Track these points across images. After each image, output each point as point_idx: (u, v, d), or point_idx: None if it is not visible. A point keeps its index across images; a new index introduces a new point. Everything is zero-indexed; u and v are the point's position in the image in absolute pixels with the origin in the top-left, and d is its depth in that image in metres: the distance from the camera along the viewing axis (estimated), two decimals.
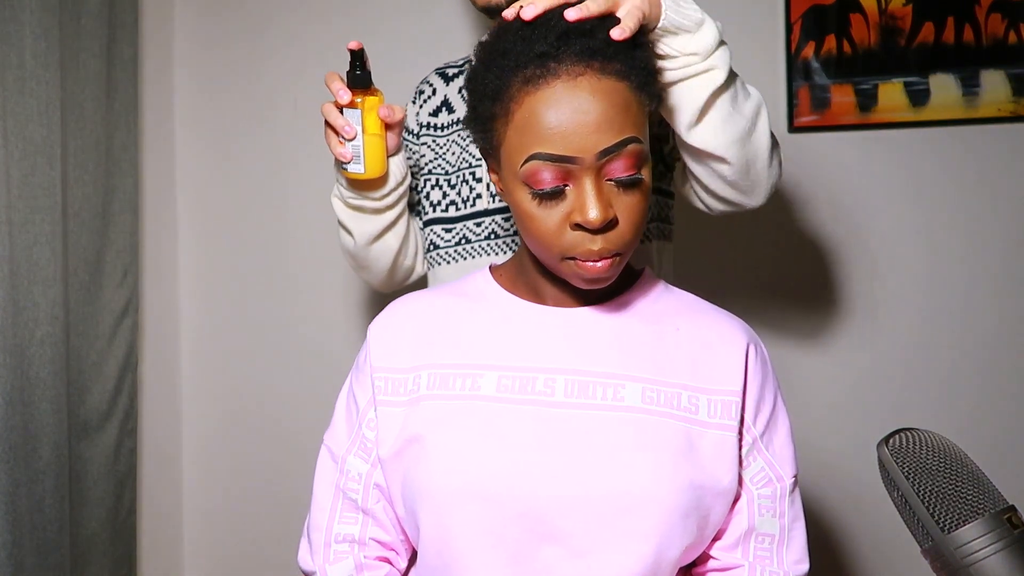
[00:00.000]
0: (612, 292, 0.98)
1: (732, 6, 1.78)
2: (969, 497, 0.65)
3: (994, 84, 1.71)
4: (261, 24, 2.03)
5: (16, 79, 1.58)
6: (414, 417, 0.93)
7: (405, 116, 1.18)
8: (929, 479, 0.66)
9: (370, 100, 1.12)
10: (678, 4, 0.97)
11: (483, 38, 0.92)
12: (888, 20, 1.75)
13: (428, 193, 1.30)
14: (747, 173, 1.09)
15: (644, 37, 0.93)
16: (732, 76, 1.04)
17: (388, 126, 1.14)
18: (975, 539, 0.63)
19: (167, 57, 2.07)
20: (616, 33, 0.86)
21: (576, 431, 0.89)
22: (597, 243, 0.86)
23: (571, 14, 0.86)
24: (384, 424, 0.95)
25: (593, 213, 0.84)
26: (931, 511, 0.65)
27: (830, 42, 1.77)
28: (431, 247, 1.30)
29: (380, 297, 1.93)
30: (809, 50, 1.77)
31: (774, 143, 1.12)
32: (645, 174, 0.87)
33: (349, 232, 1.26)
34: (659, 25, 0.95)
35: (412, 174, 1.28)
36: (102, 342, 1.84)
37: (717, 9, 1.74)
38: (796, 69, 1.78)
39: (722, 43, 1.02)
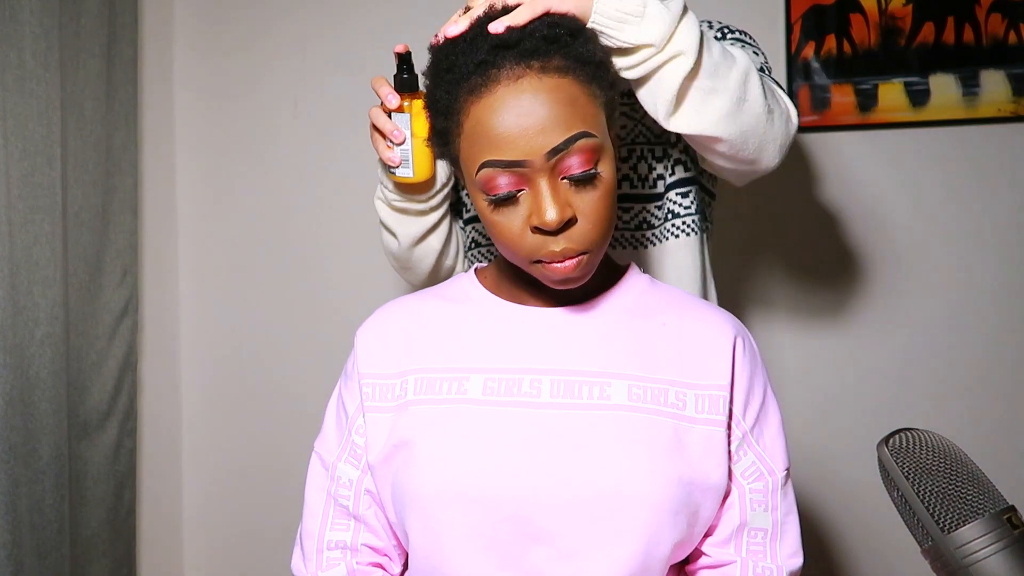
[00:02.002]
0: (596, 290, 0.97)
1: (732, 6, 1.78)
2: (969, 497, 0.65)
3: (994, 84, 1.71)
4: (261, 25, 2.04)
5: (16, 79, 1.58)
6: (402, 422, 0.93)
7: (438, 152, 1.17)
8: (929, 479, 0.66)
9: (418, 104, 1.09)
10: None
11: (428, 62, 0.92)
12: (888, 20, 1.75)
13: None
14: (745, 144, 1.03)
15: (583, 27, 0.91)
16: (704, 51, 0.97)
17: None
18: (975, 539, 0.63)
19: (167, 57, 2.07)
20: (496, 26, 0.86)
21: (563, 431, 0.89)
22: (559, 244, 0.86)
23: (495, 27, 0.86)
24: (372, 430, 0.95)
25: (549, 215, 0.83)
26: (931, 511, 0.65)
27: (830, 42, 1.77)
28: (472, 245, 1.28)
29: (380, 297, 1.93)
30: (809, 50, 1.77)
31: (772, 102, 1.05)
32: (602, 168, 0.86)
33: (393, 234, 1.25)
34: (591, 18, 0.93)
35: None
36: (102, 342, 1.84)
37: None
38: (796, 69, 1.78)
39: (683, 19, 0.96)
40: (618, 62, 0.98)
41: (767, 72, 1.18)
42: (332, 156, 2.00)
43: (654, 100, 1.00)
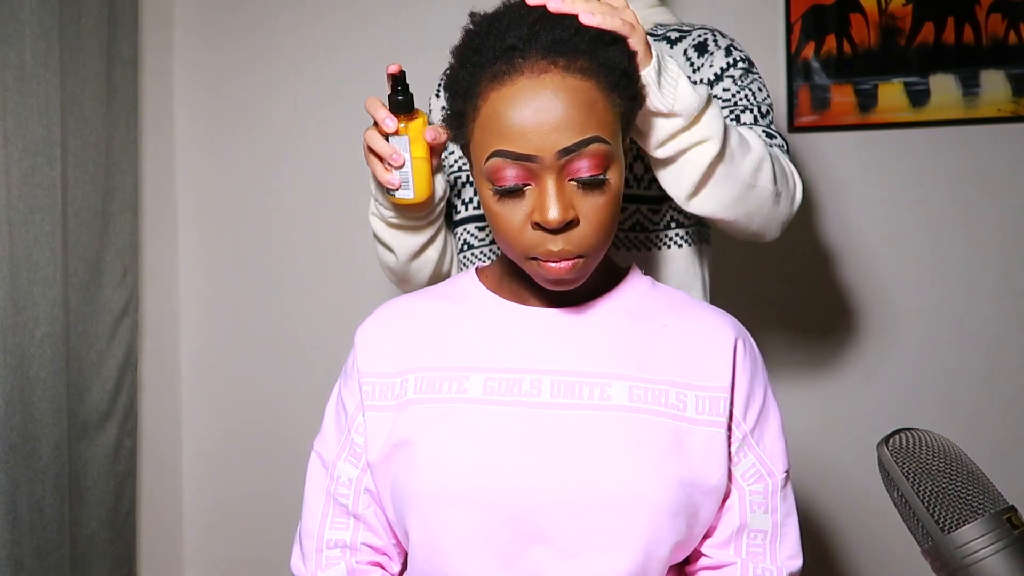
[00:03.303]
0: (598, 291, 0.97)
1: (732, 6, 1.78)
2: (969, 497, 0.65)
3: (994, 84, 1.71)
4: (261, 24, 2.04)
5: (16, 79, 1.58)
6: (402, 421, 0.93)
7: (449, 136, 1.16)
8: (929, 479, 0.66)
9: (415, 125, 1.08)
10: (664, 58, 0.98)
11: (458, 41, 0.92)
12: (888, 20, 1.75)
13: (460, 191, 1.28)
14: (749, 223, 1.09)
15: (615, 36, 0.91)
16: (727, 138, 1.02)
17: (432, 147, 1.10)
18: (975, 539, 0.63)
19: (167, 57, 2.08)
20: (586, 19, 0.86)
21: (563, 431, 0.89)
22: (557, 244, 0.86)
23: (586, 19, 0.87)
24: (372, 429, 0.95)
25: (552, 213, 0.84)
26: (931, 511, 0.65)
27: (830, 42, 1.77)
28: (464, 247, 1.27)
29: (380, 296, 1.93)
30: (809, 50, 1.77)
31: (782, 185, 1.10)
32: (611, 175, 0.86)
33: (390, 249, 1.24)
34: (648, 68, 0.95)
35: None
36: (102, 342, 1.84)
37: (717, 9, 1.75)
38: (796, 69, 1.78)
39: (709, 106, 1.01)
40: (646, 142, 1.02)
41: (770, 112, 1.21)
42: (332, 156, 2.00)
43: (678, 181, 1.03)
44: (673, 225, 1.21)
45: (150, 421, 2.02)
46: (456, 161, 1.30)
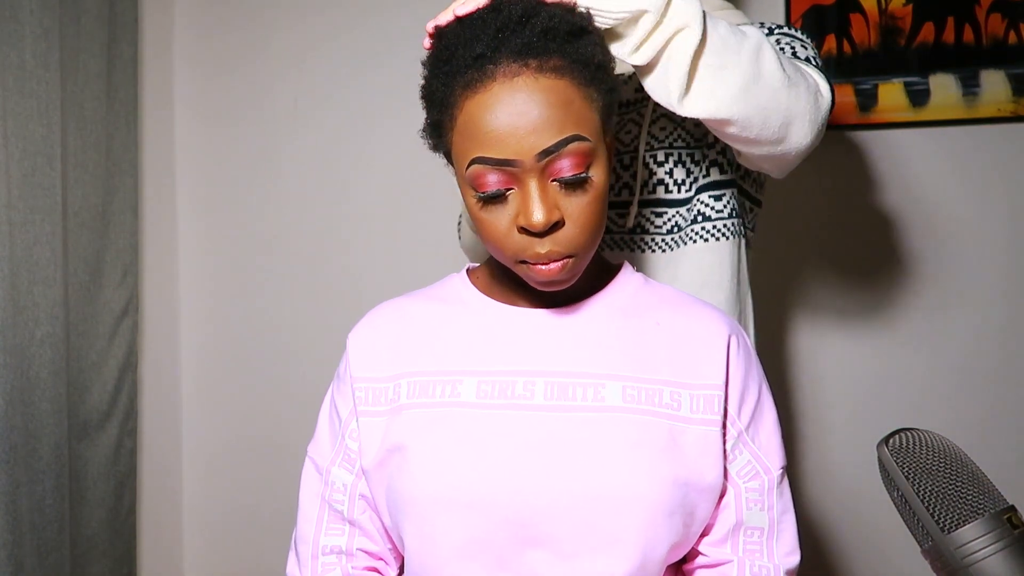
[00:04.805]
0: (589, 290, 0.97)
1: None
2: (969, 497, 0.65)
3: (994, 84, 1.71)
4: (261, 24, 2.04)
5: (16, 79, 1.58)
6: (395, 426, 0.93)
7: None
8: (929, 479, 0.66)
9: None
10: None
11: (427, 52, 0.90)
12: (888, 20, 1.75)
13: None
14: (766, 122, 0.98)
15: (585, 27, 0.88)
16: (709, 26, 0.93)
17: None
18: (975, 539, 0.63)
19: (167, 57, 2.08)
20: None
21: (557, 434, 0.88)
22: (544, 246, 0.85)
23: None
24: (366, 434, 0.95)
25: (536, 216, 0.83)
26: (931, 511, 0.65)
27: (830, 42, 1.77)
28: None
29: (380, 297, 1.93)
30: None
31: (796, 76, 0.99)
32: (594, 172, 0.85)
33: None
34: None
35: None
36: (102, 342, 1.84)
37: (717, 8, 1.74)
38: None
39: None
40: (623, 48, 0.93)
41: (815, 63, 1.12)
42: (332, 155, 2.00)
43: (666, 82, 0.94)
44: (699, 219, 1.19)
45: (150, 421, 2.02)
46: None
